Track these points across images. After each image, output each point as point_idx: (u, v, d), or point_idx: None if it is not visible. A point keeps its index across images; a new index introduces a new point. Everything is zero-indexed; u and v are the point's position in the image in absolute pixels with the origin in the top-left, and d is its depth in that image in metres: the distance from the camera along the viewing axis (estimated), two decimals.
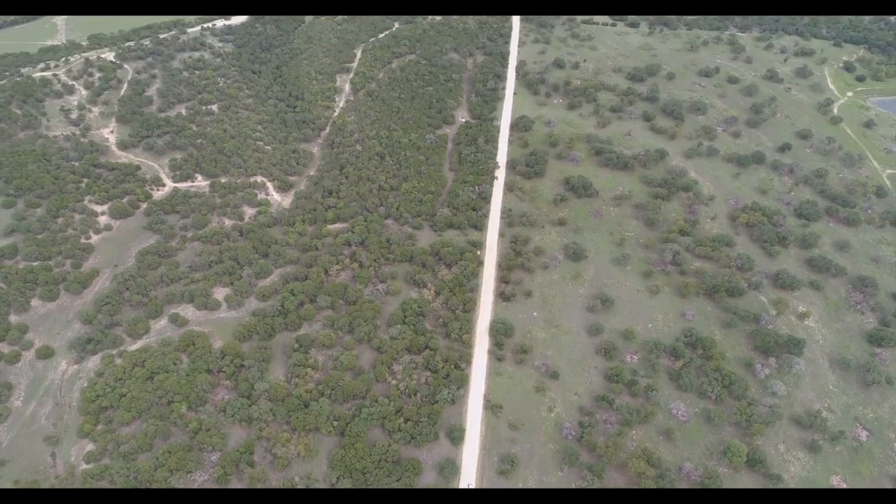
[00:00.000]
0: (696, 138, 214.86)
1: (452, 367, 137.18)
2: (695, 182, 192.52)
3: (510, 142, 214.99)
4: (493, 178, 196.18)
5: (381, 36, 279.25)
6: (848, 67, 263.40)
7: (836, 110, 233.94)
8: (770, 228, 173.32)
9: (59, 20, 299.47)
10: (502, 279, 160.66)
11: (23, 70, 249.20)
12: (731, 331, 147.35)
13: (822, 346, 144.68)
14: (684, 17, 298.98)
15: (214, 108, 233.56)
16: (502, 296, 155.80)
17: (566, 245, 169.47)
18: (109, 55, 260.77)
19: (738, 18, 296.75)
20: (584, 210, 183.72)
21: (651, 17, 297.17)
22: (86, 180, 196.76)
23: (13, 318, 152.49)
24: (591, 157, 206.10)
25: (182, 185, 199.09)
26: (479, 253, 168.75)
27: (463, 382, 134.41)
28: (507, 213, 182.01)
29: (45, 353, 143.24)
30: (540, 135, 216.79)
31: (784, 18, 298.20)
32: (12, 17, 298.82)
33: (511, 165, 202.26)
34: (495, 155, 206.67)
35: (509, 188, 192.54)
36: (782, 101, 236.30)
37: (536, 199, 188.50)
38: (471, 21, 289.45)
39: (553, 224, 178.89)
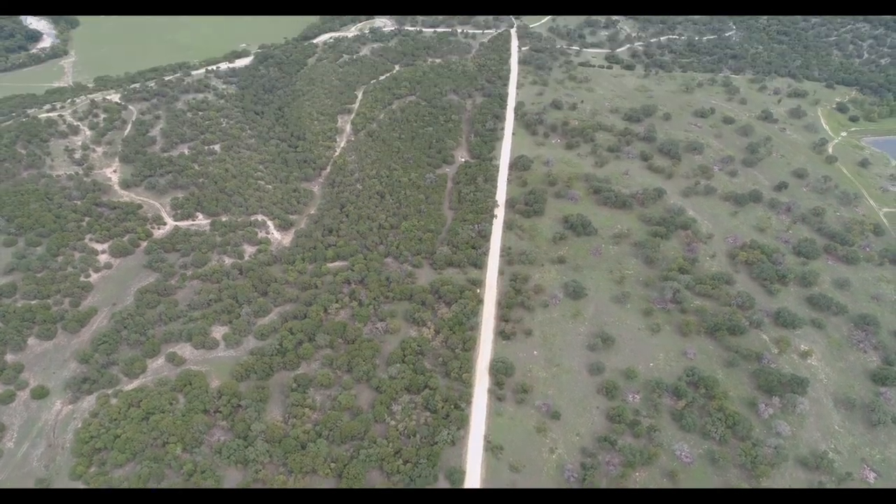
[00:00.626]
0: (693, 177, 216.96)
1: (452, 406, 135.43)
2: (693, 220, 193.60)
3: (509, 181, 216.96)
4: (493, 216, 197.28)
5: (382, 78, 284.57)
6: (841, 108, 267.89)
7: (830, 150, 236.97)
8: (769, 266, 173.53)
9: (67, 62, 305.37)
10: (502, 317, 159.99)
11: (29, 111, 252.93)
12: (734, 370, 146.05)
13: (825, 386, 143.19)
14: (679, 59, 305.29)
15: (217, 147, 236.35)
16: (502, 334, 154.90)
17: (566, 283, 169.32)
18: (115, 97, 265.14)
19: (731, 61, 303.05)
20: (583, 248, 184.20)
21: (646, 60, 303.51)
22: (87, 219, 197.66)
23: (9, 358, 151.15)
24: (589, 195, 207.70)
25: (183, 224, 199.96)
26: (478, 291, 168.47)
27: (463, 423, 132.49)
28: (506, 252, 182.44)
29: (40, 394, 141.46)
30: (538, 174, 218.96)
31: (776, 60, 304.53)
32: (20, 60, 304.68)
33: (510, 204, 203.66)
34: (494, 194, 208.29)
35: (509, 226, 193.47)
36: (777, 140, 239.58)
37: (536, 237, 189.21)
38: (470, 64, 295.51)
39: (552, 262, 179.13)
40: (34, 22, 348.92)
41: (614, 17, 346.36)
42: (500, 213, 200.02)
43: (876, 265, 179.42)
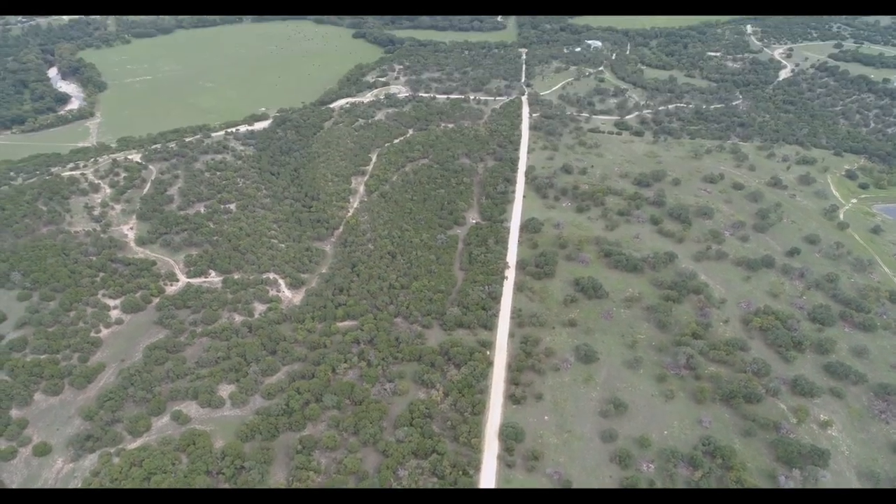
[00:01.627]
0: (704, 242, 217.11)
1: (460, 473, 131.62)
2: (705, 285, 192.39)
3: (520, 243, 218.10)
4: (503, 278, 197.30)
5: (396, 141, 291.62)
6: (850, 175, 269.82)
7: (841, 216, 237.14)
8: (784, 333, 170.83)
9: (92, 123, 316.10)
10: (512, 381, 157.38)
11: (53, 169, 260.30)
12: (751, 440, 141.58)
13: (847, 458, 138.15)
14: (687, 126, 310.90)
15: (232, 206, 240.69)
16: (512, 398, 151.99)
17: (577, 346, 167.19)
18: (136, 156, 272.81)
19: (739, 129, 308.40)
20: (594, 311, 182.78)
21: (655, 127, 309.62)
22: (101, 274, 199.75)
23: (14, 413, 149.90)
24: (600, 258, 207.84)
25: (195, 281, 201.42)
26: (488, 353, 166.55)
27: None
28: (517, 314, 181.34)
29: (42, 451, 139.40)
30: (549, 236, 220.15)
31: (784, 129, 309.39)
32: (49, 121, 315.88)
33: (521, 266, 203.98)
34: (505, 255, 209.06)
35: (519, 288, 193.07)
36: (788, 206, 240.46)
37: (546, 299, 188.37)
38: (482, 129, 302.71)
39: (563, 325, 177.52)
40: (64, 85, 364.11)
41: (623, 86, 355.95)
42: (510, 274, 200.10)
43: (894, 333, 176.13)
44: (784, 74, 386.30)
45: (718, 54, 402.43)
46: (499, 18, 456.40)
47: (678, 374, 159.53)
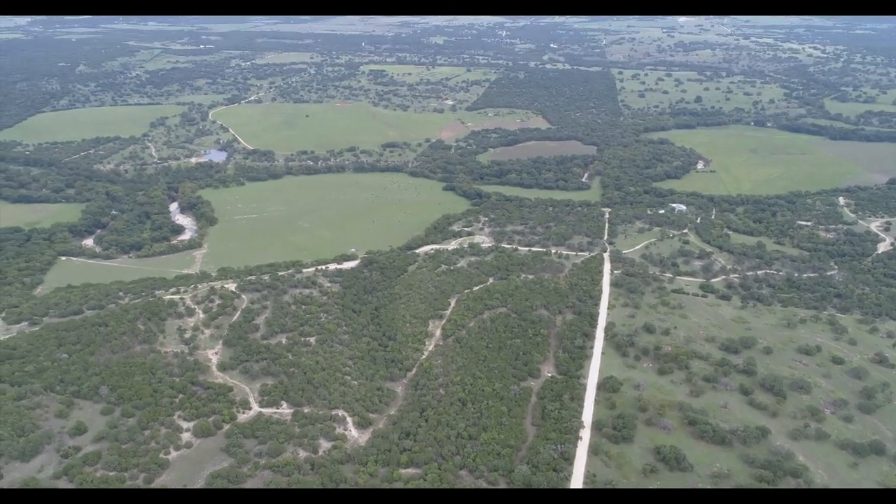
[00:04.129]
0: (801, 419, 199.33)
1: None
2: (805, 468, 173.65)
3: (596, 402, 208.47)
4: (577, 437, 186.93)
5: (476, 288, 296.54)
6: None
7: None
8: None
9: (198, 253, 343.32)
10: None
11: (156, 292, 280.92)
12: None
13: None
14: (778, 293, 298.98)
15: (312, 340, 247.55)
16: None
17: None
18: (232, 286, 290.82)
19: (836, 300, 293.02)
20: (676, 485, 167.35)
21: (743, 292, 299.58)
22: (181, 396, 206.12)
23: None
24: (683, 426, 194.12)
25: (267, 411, 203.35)
26: None
27: None
28: (590, 479, 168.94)
29: None
30: (628, 398, 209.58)
31: (887, 303, 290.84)
32: (162, 249, 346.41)
33: (597, 427, 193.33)
34: (580, 414, 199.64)
35: (594, 451, 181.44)
36: None
37: (624, 466, 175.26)
38: (562, 282, 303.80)
39: None
40: (181, 218, 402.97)
41: (708, 249, 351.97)
42: (585, 435, 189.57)
43: None
44: (883, 248, 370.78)
45: (809, 224, 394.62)
46: (584, 178, 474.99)
47: None
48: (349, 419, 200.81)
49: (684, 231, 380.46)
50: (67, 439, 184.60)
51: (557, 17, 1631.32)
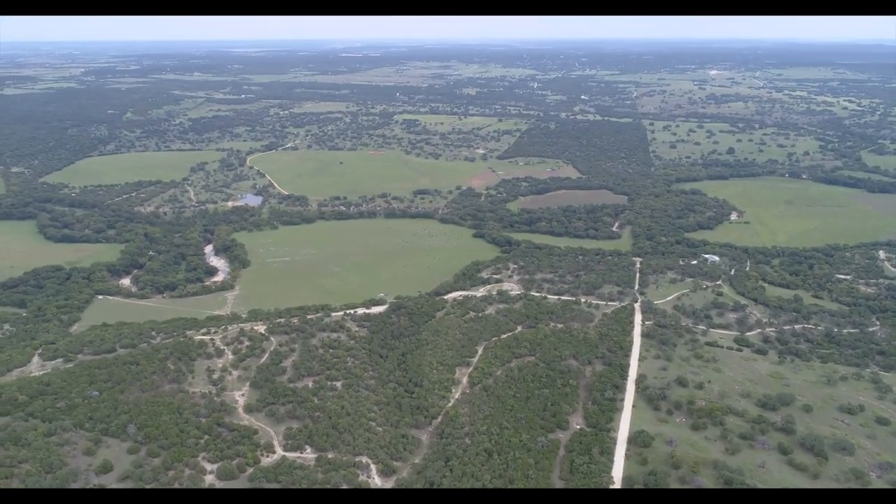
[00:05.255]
0: (845, 481, 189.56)
1: None
2: None
3: (627, 457, 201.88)
4: None
5: (504, 336, 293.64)
6: None
7: None
8: None
9: (230, 295, 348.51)
10: None
11: (188, 332, 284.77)
12: None
13: None
14: (817, 349, 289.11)
15: (339, 384, 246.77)
16: None
17: None
18: (261, 328, 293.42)
19: (879, 357, 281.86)
20: None
21: (780, 347, 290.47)
22: (206, 437, 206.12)
23: None
24: (718, 486, 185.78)
25: (290, 455, 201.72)
26: None
27: None
28: None
29: None
30: (660, 454, 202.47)
31: None
32: (195, 290, 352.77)
33: (627, 483, 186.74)
34: (610, 469, 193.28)
35: None
36: None
37: None
38: (592, 332, 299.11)
39: None
40: (215, 260, 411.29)
41: (743, 302, 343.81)
42: None
43: None
44: None
45: (849, 277, 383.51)
46: (614, 228, 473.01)
47: None
48: (373, 466, 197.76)
49: (718, 283, 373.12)
50: (93, 477, 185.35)
51: (588, 70, 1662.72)
